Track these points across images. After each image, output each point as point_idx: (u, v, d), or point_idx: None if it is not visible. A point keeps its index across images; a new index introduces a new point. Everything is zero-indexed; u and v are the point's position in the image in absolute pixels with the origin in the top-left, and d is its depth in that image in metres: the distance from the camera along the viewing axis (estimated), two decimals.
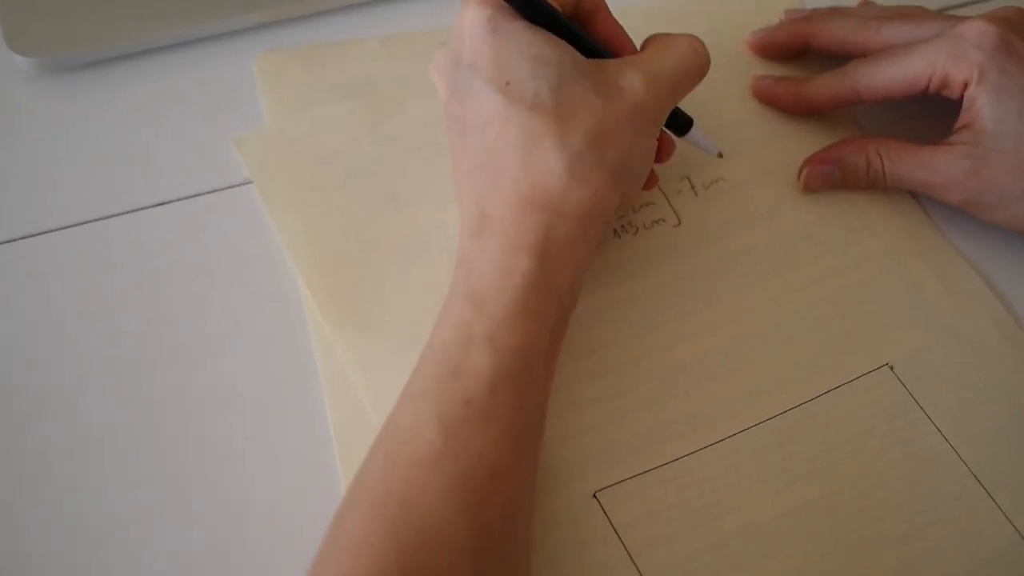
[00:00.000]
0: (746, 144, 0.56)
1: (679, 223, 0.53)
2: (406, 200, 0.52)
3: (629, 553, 0.43)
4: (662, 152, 0.49)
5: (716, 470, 0.46)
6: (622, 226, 0.52)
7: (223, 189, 0.53)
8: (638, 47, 0.49)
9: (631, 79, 0.45)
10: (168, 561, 0.43)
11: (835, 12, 0.58)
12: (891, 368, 0.49)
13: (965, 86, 0.51)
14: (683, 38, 0.47)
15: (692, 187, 0.54)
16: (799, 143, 0.56)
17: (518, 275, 0.41)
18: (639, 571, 0.43)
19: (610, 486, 0.45)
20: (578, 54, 0.45)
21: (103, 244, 0.50)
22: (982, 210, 0.52)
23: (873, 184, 0.54)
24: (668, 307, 0.50)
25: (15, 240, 0.50)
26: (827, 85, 0.55)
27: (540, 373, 0.42)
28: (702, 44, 0.47)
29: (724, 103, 0.57)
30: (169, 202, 0.52)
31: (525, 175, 0.43)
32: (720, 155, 0.52)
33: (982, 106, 0.50)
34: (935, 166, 0.52)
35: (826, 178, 0.54)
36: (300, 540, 0.41)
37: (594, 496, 0.45)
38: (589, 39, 0.46)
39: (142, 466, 0.45)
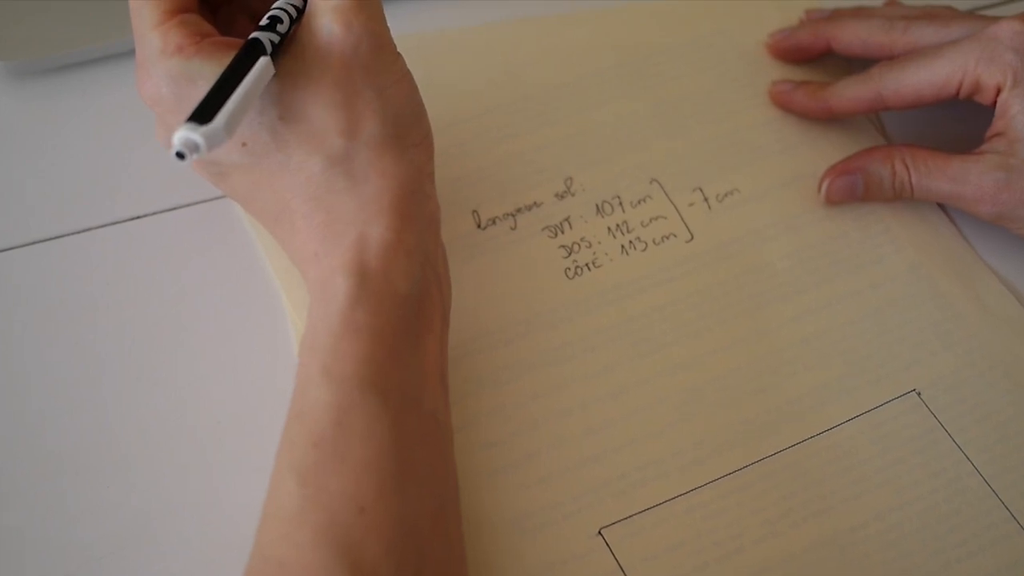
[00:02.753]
0: (762, 153, 0.54)
1: (691, 238, 0.50)
2: None
3: None
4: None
5: (731, 503, 0.44)
6: (630, 242, 0.50)
7: (204, 202, 0.52)
8: None
9: (323, 27, 0.41)
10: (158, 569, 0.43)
11: (859, 12, 0.55)
12: (919, 395, 0.47)
13: (998, 91, 0.49)
14: None
15: (705, 199, 0.52)
16: (819, 152, 0.54)
17: (339, 297, 0.39)
18: None
19: (616, 522, 0.43)
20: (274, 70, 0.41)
21: (79, 257, 0.49)
22: (1016, 224, 0.50)
23: (899, 196, 0.51)
24: (679, 327, 0.48)
25: None
26: (850, 90, 0.52)
27: (395, 385, 0.39)
28: None
29: (738, 109, 0.55)
30: (146, 215, 0.51)
31: (316, 208, 0.41)
32: None
33: (1016, 112, 0.48)
34: (965, 177, 0.49)
35: (849, 190, 0.52)
36: None
37: (599, 533, 0.43)
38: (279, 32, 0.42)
39: (119, 480, 0.44)
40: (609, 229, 0.50)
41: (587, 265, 0.49)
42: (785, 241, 0.51)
